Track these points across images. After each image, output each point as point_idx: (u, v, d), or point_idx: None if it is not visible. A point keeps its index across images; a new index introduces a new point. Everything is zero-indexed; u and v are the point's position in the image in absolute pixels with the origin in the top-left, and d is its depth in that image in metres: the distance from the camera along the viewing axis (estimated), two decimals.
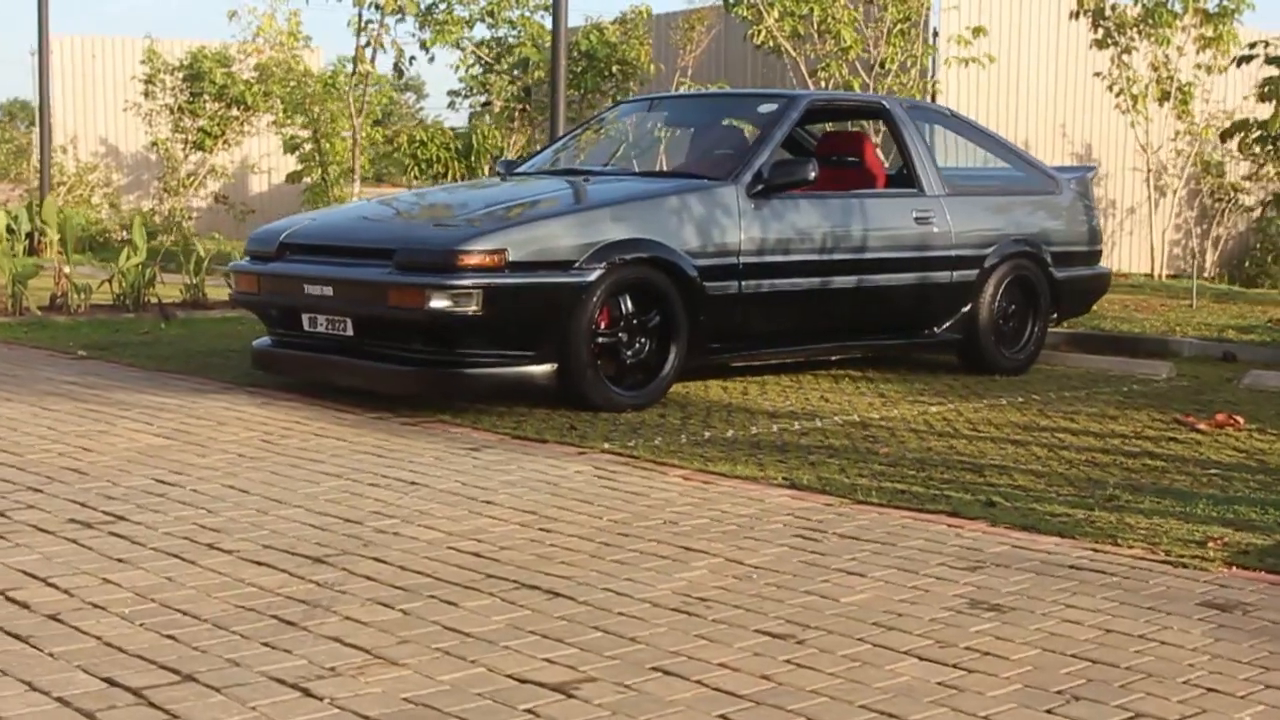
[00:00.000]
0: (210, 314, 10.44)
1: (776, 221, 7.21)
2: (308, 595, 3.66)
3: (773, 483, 5.21)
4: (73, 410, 6.44)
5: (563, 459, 5.56)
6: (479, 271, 6.25)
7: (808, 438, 6.15)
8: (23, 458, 5.38)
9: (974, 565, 4.10)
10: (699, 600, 3.70)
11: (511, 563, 4.02)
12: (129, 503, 4.65)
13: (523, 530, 4.41)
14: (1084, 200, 8.92)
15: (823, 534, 4.45)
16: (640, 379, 6.75)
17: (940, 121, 8.37)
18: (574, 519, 4.58)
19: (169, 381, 7.37)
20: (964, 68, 13.84)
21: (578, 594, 3.73)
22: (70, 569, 3.85)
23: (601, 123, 8.66)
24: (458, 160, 14.86)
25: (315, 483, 5.02)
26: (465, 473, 5.24)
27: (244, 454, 5.51)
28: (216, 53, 19.39)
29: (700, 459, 5.59)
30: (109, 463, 5.29)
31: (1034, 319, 8.46)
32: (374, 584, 3.78)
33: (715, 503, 4.86)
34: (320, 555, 4.04)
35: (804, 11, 12.94)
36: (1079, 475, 5.46)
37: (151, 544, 4.13)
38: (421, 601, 3.63)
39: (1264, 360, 9.25)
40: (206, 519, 4.45)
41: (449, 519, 4.53)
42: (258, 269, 7.02)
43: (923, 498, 4.99)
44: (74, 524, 4.35)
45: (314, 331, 6.78)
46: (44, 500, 4.66)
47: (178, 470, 5.18)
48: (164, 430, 5.99)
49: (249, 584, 3.76)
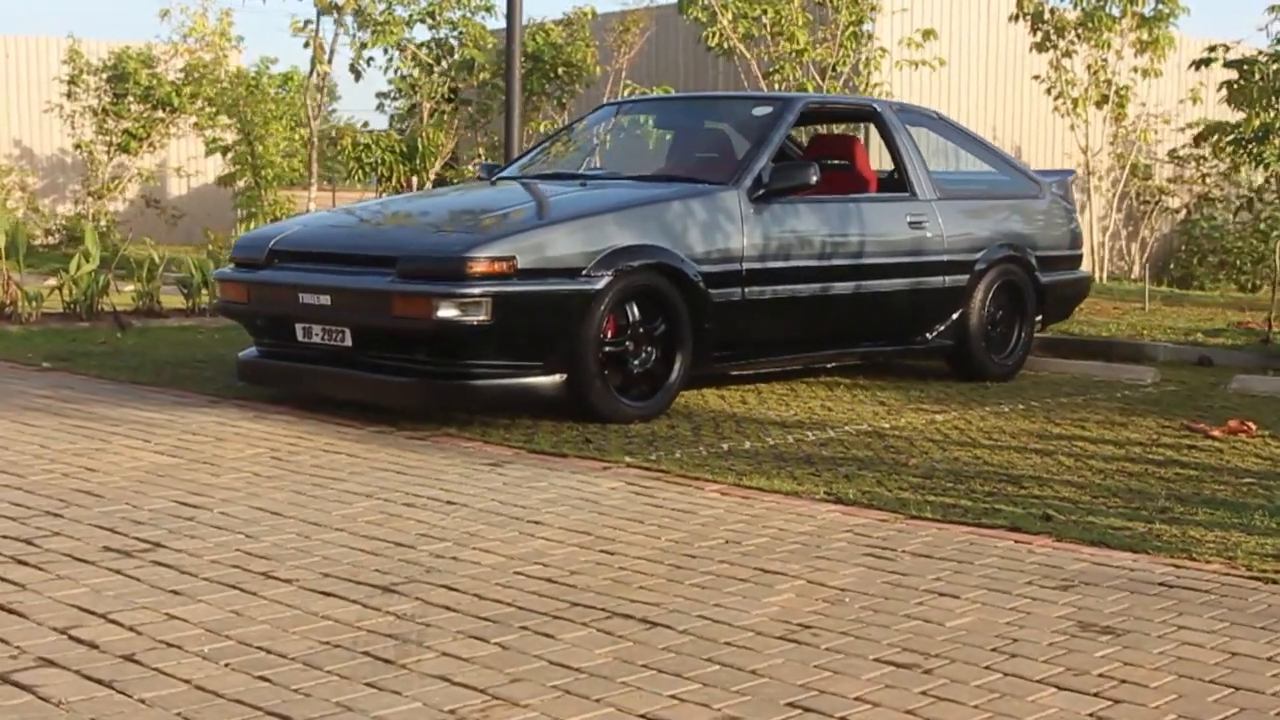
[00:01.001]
0: (166, 322, 10.12)
1: (778, 226, 7.06)
2: (391, 628, 3.45)
3: (815, 497, 5.06)
4: (59, 426, 6.15)
5: (591, 474, 5.37)
6: (487, 279, 6.04)
7: (827, 449, 6.00)
8: (26, 479, 5.10)
9: (1063, 584, 3.97)
10: (801, 627, 3.53)
11: (589, 589, 3.83)
12: (159, 528, 4.40)
13: (584, 553, 4.22)
14: (1065, 204, 8.87)
15: (892, 552, 4.30)
16: (646, 389, 6.58)
17: (927, 124, 8.26)
18: (631, 539, 4.39)
19: (148, 395, 7.08)
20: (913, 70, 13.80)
21: (673, 622, 3.55)
22: (125, 603, 3.61)
23: (584, 126, 8.47)
24: (402, 163, 14.58)
25: (347, 503, 4.79)
26: (498, 490, 5.03)
27: (259, 473, 5.27)
28: (140, 53, 18.94)
29: (730, 473, 5.43)
30: (120, 484, 5.03)
31: (1021, 324, 8.39)
32: (456, 615, 3.57)
33: (766, 519, 4.69)
34: (387, 584, 3.83)
35: (756, 14, 12.81)
36: (1118, 486, 5.35)
37: (202, 574, 3.89)
38: (515, 634, 3.43)
39: (1241, 365, 9.25)
40: (249, 545, 4.21)
41: (502, 541, 4.33)
42: (246, 277, 6.76)
43: (974, 511, 4.85)
44: (111, 552, 4.09)
45: (308, 342, 6.53)
46: (68, 526, 4.40)
47: (196, 491, 4.93)
48: (164, 448, 5.72)
49: (323, 617, 3.53)
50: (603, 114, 8.51)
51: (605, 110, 8.56)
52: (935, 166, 8.37)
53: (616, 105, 8.74)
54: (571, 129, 8.49)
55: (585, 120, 8.51)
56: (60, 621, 3.44)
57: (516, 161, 8.21)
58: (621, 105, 8.73)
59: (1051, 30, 15.94)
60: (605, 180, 7.36)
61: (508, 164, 8.22)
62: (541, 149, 8.32)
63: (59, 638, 3.32)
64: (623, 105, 8.75)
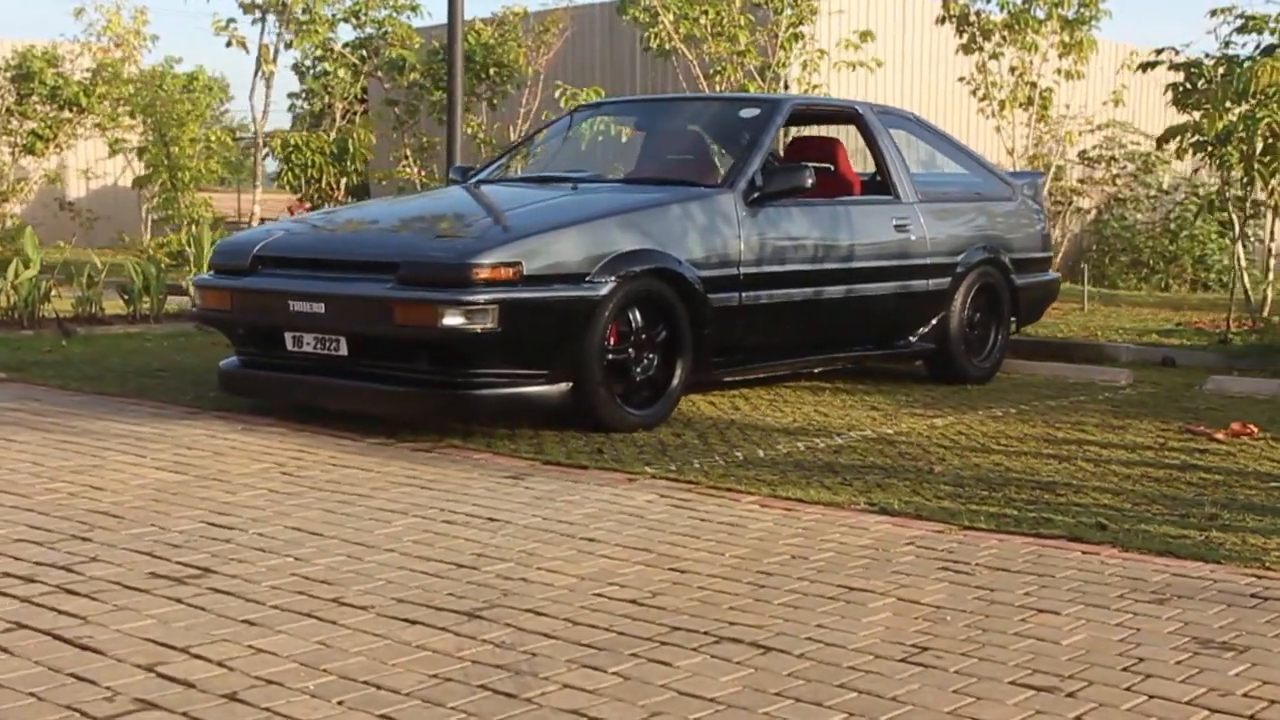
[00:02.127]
0: (110, 329, 9.77)
1: (773, 230, 6.94)
2: (494, 658, 3.27)
3: (856, 508, 4.94)
4: (44, 442, 5.86)
5: (619, 487, 5.20)
6: (494, 286, 5.85)
7: (843, 456, 5.89)
8: (32, 499, 4.83)
9: (1156, 598, 3.88)
10: (918, 648, 3.40)
11: (680, 610, 3.67)
12: (199, 551, 4.17)
13: (655, 571, 4.06)
14: (1035, 206, 8.85)
15: (965, 565, 4.19)
16: (647, 396, 6.42)
17: (905, 126, 8.19)
18: (695, 556, 4.24)
19: (122, 406, 6.79)
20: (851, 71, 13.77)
21: (785, 646, 3.40)
22: (201, 635, 3.39)
23: (558, 128, 8.28)
24: (332, 165, 14.27)
25: (384, 522, 4.59)
26: (534, 505, 4.85)
27: (275, 489, 5.04)
28: (46, 52, 18.40)
29: (759, 483, 5.30)
30: (135, 504, 4.78)
31: (997, 327, 8.35)
32: (558, 642, 3.39)
33: (821, 533, 4.56)
34: (469, 610, 3.64)
35: (696, 14, 12.69)
36: (1151, 492, 5.29)
37: (269, 601, 3.67)
38: (629, 661, 3.26)
39: (1204, 365, 9.30)
40: (302, 568, 4.00)
41: (564, 560, 4.16)
42: (230, 284, 6.49)
43: (1024, 521, 4.76)
44: (161, 579, 3.86)
45: (299, 351, 6.29)
46: (102, 551, 4.15)
47: (220, 511, 4.69)
48: (163, 463, 5.47)
49: (418, 646, 3.34)
50: (577, 116, 8.33)
51: (580, 112, 8.38)
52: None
53: (593, 106, 8.57)
54: (545, 131, 8.29)
55: (559, 122, 8.32)
56: (142, 658, 3.21)
57: (491, 164, 7.99)
58: (599, 106, 8.57)
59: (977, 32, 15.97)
60: (596, 184, 7.18)
61: (483, 167, 8.00)
62: (517, 151, 8.11)
63: (148, 676, 3.10)
64: (600, 106, 8.58)
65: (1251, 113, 9.25)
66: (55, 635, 3.36)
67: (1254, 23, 10.47)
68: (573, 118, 8.26)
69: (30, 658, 3.19)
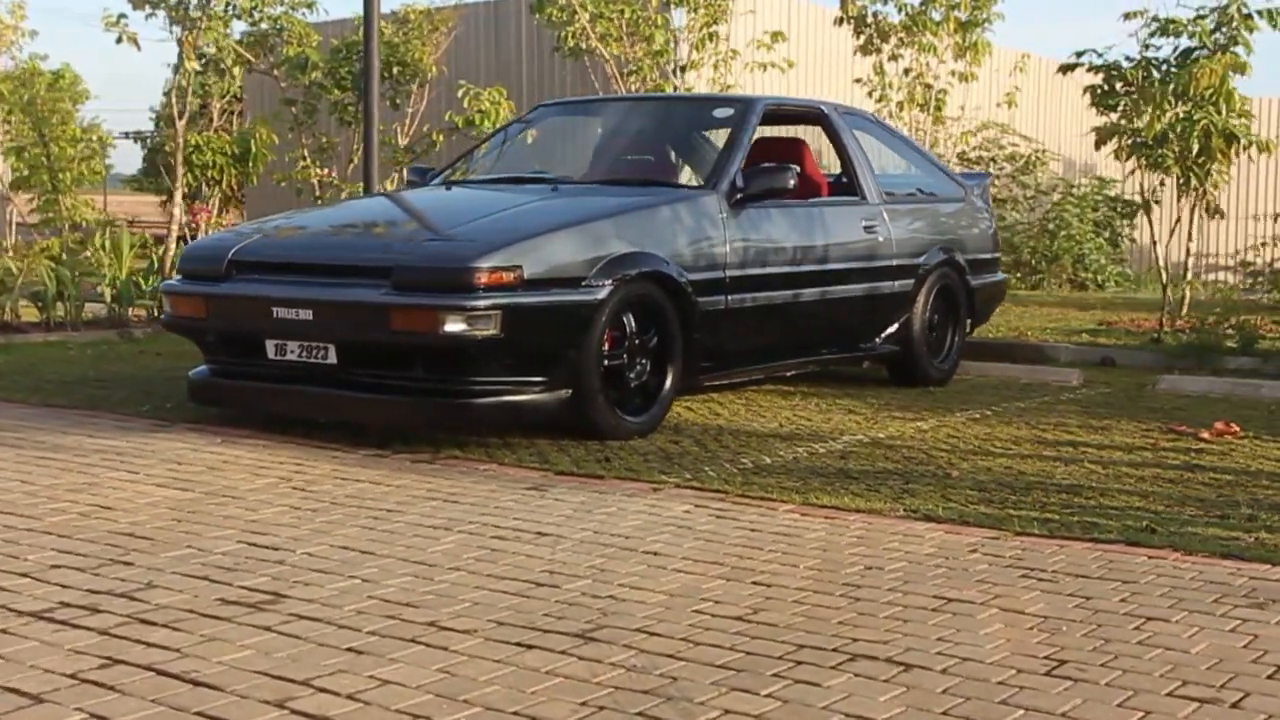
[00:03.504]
0: (29, 338, 9.36)
1: (755, 232, 6.85)
2: (632, 682, 3.11)
3: (896, 515, 4.86)
4: (19, 458, 5.56)
5: (649, 496, 5.06)
6: (496, 290, 5.67)
7: (850, 461, 5.81)
8: (43, 521, 4.55)
9: (1253, 602, 3.85)
10: (1054, 661, 3.32)
11: (792, 627, 3.55)
12: (256, 574, 3.94)
13: (738, 586, 3.93)
14: (985, 206, 8.87)
15: (1043, 572, 4.13)
16: (639, 403, 6.28)
17: (864, 126, 8.14)
18: (768, 569, 4.12)
19: (80, 419, 6.49)
20: (762, 71, 13.74)
21: (923, 662, 3.29)
22: (313, 667, 3.18)
23: (523, 127, 8.09)
24: (233, 166, 13.85)
25: (432, 538, 4.39)
26: (574, 518, 4.70)
27: (295, 506, 4.82)
28: None
29: (786, 490, 5.20)
30: (157, 523, 4.53)
31: (954, 328, 8.35)
32: (688, 664, 3.25)
33: (878, 541, 4.47)
34: (578, 631, 3.47)
35: (612, 13, 12.56)
36: (1176, 493, 5.29)
37: (363, 627, 3.48)
38: (775, 683, 3.13)
39: (1143, 365, 9.41)
40: (376, 590, 3.80)
41: (639, 575, 4.01)
42: (204, 290, 6.21)
43: (1072, 525, 4.72)
44: (235, 606, 3.64)
45: (282, 360, 6.03)
46: (153, 575, 3.91)
47: (253, 530, 4.46)
48: (160, 480, 5.21)
49: (548, 672, 3.17)
50: (538, 115, 8.15)
51: (540, 111, 8.20)
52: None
53: (554, 106, 8.39)
54: (507, 131, 8.09)
55: (521, 121, 8.12)
56: (266, 693, 3.00)
57: (453, 165, 7.77)
58: (565, 105, 8.39)
59: (874, 34, 16.06)
60: (573, 186, 7.01)
61: (445, 167, 7.77)
62: (482, 153, 7.90)
63: (282, 713, 2.90)
64: (566, 105, 8.41)
65: (1189, 114, 9.37)
66: (158, 670, 3.13)
67: (1174, 25, 10.63)
68: (532, 118, 8.07)
69: (145, 696, 2.97)
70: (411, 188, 7.54)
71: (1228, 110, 9.33)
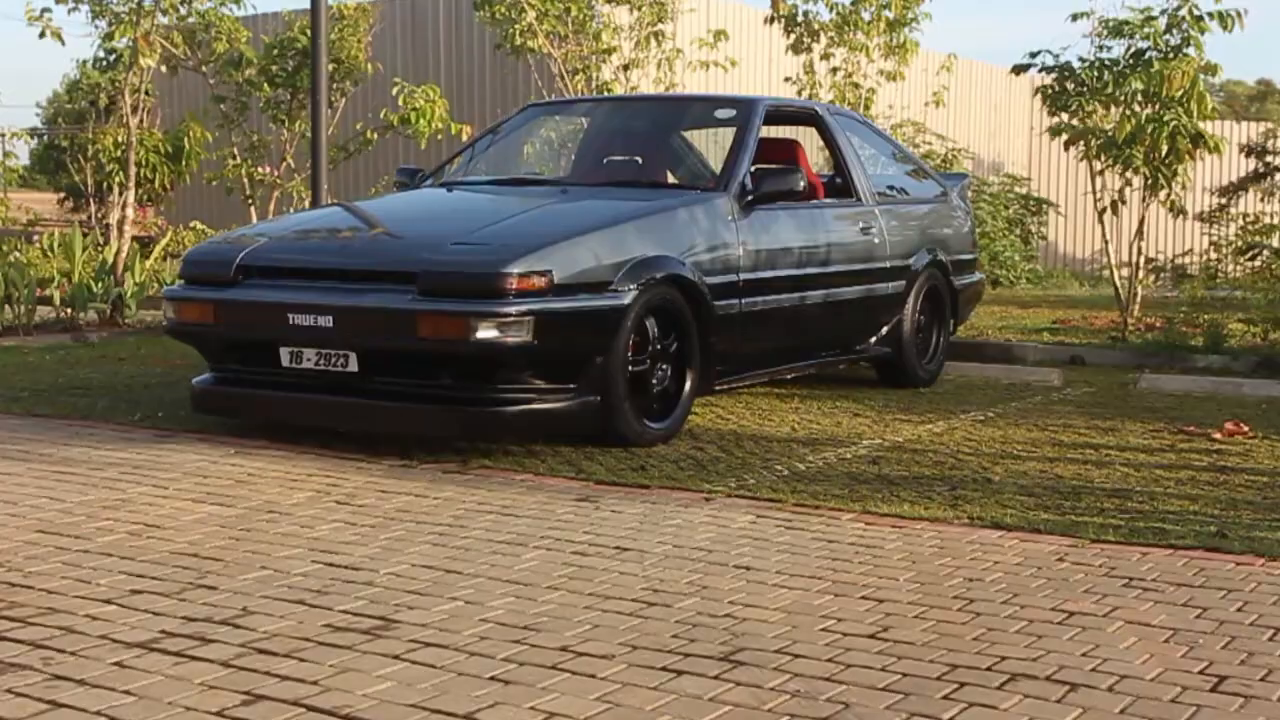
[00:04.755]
0: None
1: (765, 235, 6.76)
2: (806, 709, 3.01)
3: (962, 523, 4.80)
4: (33, 473, 5.33)
5: (704, 506, 4.96)
6: (527, 296, 5.53)
7: (884, 467, 5.74)
8: (95, 541, 4.34)
9: None
10: (1214, 677, 3.26)
11: (933, 646, 3.46)
12: (353, 597, 3.78)
13: (850, 602, 3.84)
14: (965, 207, 8.86)
15: (1143, 581, 4.08)
16: (659, 409, 6.16)
17: (853, 127, 8.08)
18: (866, 582, 4.03)
19: (78, 430, 6.25)
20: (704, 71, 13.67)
21: (1083, 680, 3.22)
22: (464, 700, 3.04)
23: (513, 127, 7.91)
24: (166, 165, 13.49)
25: (512, 555, 4.25)
26: (644, 530, 4.58)
27: (350, 521, 4.65)
28: None
29: (839, 498, 5.12)
30: (216, 542, 4.34)
31: (939, 329, 8.33)
32: (850, 687, 3.14)
33: (958, 551, 4.40)
34: (719, 654, 3.36)
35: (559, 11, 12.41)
36: (1221, 496, 5.28)
37: (496, 654, 3.33)
38: (954, 706, 3.04)
39: (1112, 363, 9.47)
40: (485, 614, 3.66)
41: (743, 591, 3.90)
42: (214, 296, 5.99)
43: (1139, 531, 4.69)
44: (345, 632, 3.47)
45: (297, 368, 5.83)
46: (244, 600, 3.73)
47: (322, 549, 4.29)
48: (194, 495, 5.01)
49: (714, 700, 3.06)
50: (528, 115, 7.99)
51: (529, 112, 8.03)
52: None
53: (545, 106, 8.23)
54: (497, 131, 7.90)
55: (510, 121, 7.95)
56: None
57: (443, 166, 7.58)
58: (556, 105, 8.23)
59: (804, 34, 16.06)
60: (582, 188, 6.86)
61: (436, 169, 7.57)
62: (475, 153, 7.71)
63: None
64: (556, 106, 8.25)
65: (1158, 115, 9.44)
66: (307, 705, 2.97)
67: (1128, 27, 10.71)
68: (522, 118, 7.91)
69: None
70: (402, 189, 7.33)
71: (1199, 111, 9.41)
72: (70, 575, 3.94)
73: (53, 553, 4.19)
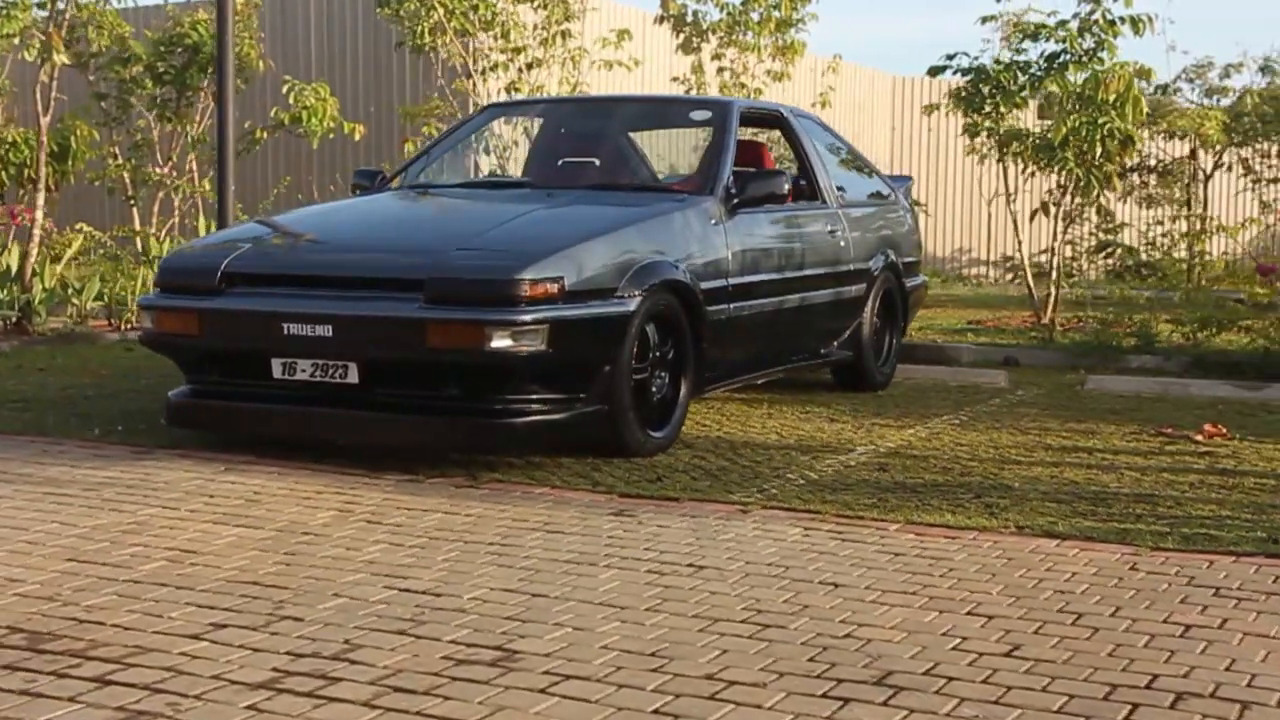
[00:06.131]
0: None
1: (750, 238, 6.66)
2: None
3: (1009, 531, 4.74)
4: (26, 495, 5.02)
5: (745, 519, 4.84)
6: (539, 303, 5.35)
7: (892, 474, 5.68)
8: (137, 570, 4.08)
9: None
10: None
11: (1076, 664, 3.38)
12: (452, 625, 3.59)
13: (960, 619, 3.75)
14: (910, 209, 8.86)
15: (1229, 590, 4.06)
16: (655, 418, 6.02)
17: (811, 130, 8.00)
18: (963, 598, 3.95)
19: (42, 448, 5.92)
20: (608, 70, 13.54)
21: (1251, 698, 3.16)
22: None
23: (473, 129, 7.68)
24: (52, 165, 12.91)
25: (584, 574, 4.09)
26: (706, 546, 4.45)
27: (396, 543, 4.44)
28: None
29: (868, 508, 5.03)
30: (267, 568, 4.10)
31: (891, 331, 8.30)
32: (1029, 712, 3.05)
33: (1026, 562, 4.34)
34: (870, 679, 3.24)
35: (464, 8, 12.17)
36: (1246, 500, 5.29)
37: (645, 685, 3.17)
38: None
39: (1045, 364, 9.56)
40: (601, 640, 3.49)
41: (846, 610, 3.79)
42: (197, 305, 5.69)
43: (1194, 538, 4.67)
44: (474, 665, 3.29)
45: (291, 379, 5.57)
46: (339, 632, 3.51)
47: (385, 573, 4.08)
48: (210, 515, 4.75)
49: None
50: (488, 115, 7.77)
51: (489, 112, 7.81)
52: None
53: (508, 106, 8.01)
54: (457, 132, 7.66)
55: (470, 123, 7.71)
56: None
57: (405, 168, 7.31)
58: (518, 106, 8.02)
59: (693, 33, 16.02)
60: (574, 191, 6.67)
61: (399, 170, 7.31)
62: (438, 155, 7.46)
63: None
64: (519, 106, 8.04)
65: (1092, 119, 9.54)
66: None
67: (1045, 30, 10.84)
68: (483, 119, 7.69)
69: None
70: (364, 192, 7.05)
71: (1133, 115, 9.53)
72: (134, 609, 3.68)
73: (98, 584, 3.91)
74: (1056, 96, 9.63)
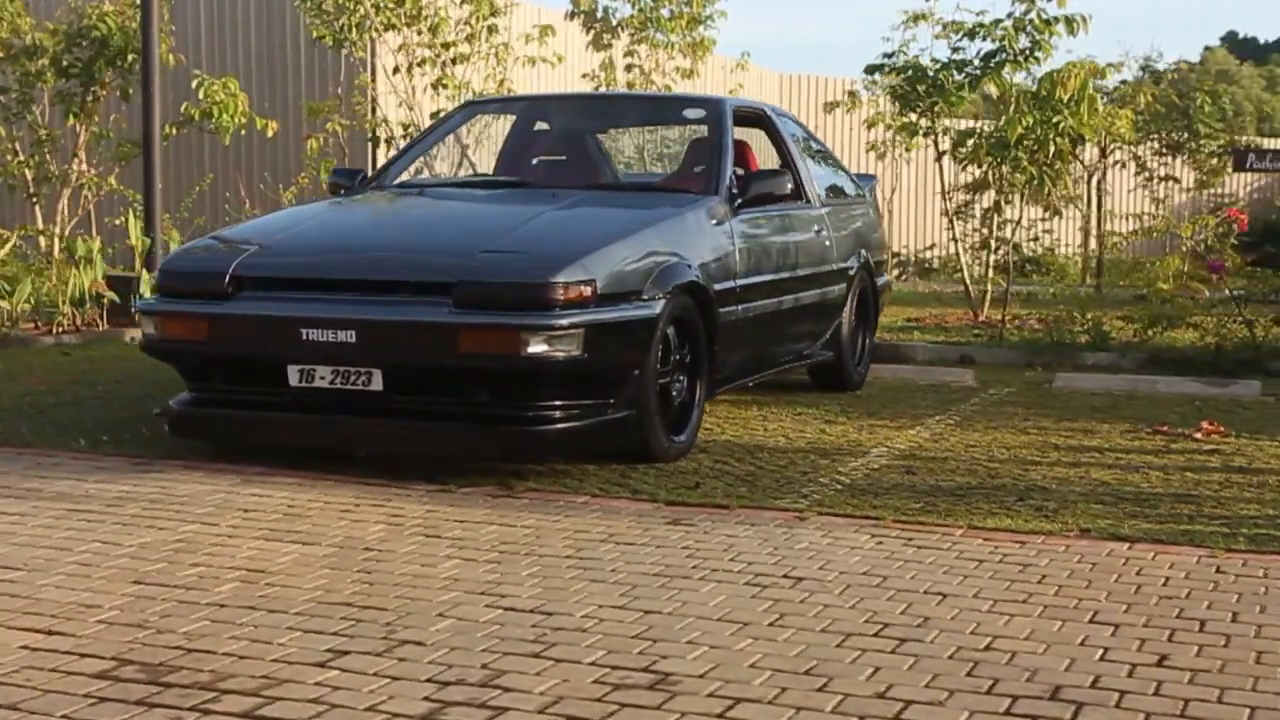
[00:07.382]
0: None
1: (753, 239, 6.57)
2: None
3: (1072, 535, 4.71)
4: (48, 513, 4.77)
5: (806, 526, 4.74)
6: (575, 307, 5.20)
7: (925, 477, 5.63)
8: (210, 593, 3.86)
9: None
10: None
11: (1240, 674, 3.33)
12: (582, 647, 3.44)
13: (1092, 629, 3.68)
14: (876, 207, 8.83)
15: None
16: (675, 422, 5.90)
17: (793, 130, 7.91)
18: (1080, 607, 3.87)
19: (36, 460, 5.65)
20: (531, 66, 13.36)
21: None
22: None
23: (453, 126, 7.46)
24: None
25: (688, 589, 3.96)
26: (789, 556, 4.34)
27: (467, 558, 4.27)
28: None
29: (935, 514, 4.96)
30: (350, 590, 3.92)
31: (864, 331, 8.26)
32: None
33: (1112, 568, 4.29)
34: (1037, 693, 3.15)
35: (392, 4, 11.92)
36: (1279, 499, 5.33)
37: (823, 707, 3.05)
38: None
39: (1002, 362, 9.61)
40: (744, 659, 3.36)
41: (967, 621, 3.71)
42: (205, 310, 5.44)
43: (1259, 539, 4.67)
44: (632, 689, 3.14)
45: (309, 387, 5.35)
46: (468, 656, 3.34)
47: (479, 592, 3.91)
48: (254, 531, 4.54)
49: None
50: (467, 113, 7.56)
51: (468, 110, 7.60)
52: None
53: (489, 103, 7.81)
54: (436, 131, 7.43)
55: (450, 121, 7.49)
56: None
57: (387, 168, 7.06)
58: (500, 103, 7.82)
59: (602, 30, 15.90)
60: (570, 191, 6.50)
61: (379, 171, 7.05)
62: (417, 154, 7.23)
63: None
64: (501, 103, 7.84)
65: (1047, 118, 9.60)
66: None
67: (983, 29, 10.90)
68: (464, 115, 7.48)
69: None
70: (347, 192, 6.80)
71: (1088, 115, 9.60)
72: (236, 635, 3.48)
73: (181, 608, 3.69)
74: (995, 96, 9.66)
